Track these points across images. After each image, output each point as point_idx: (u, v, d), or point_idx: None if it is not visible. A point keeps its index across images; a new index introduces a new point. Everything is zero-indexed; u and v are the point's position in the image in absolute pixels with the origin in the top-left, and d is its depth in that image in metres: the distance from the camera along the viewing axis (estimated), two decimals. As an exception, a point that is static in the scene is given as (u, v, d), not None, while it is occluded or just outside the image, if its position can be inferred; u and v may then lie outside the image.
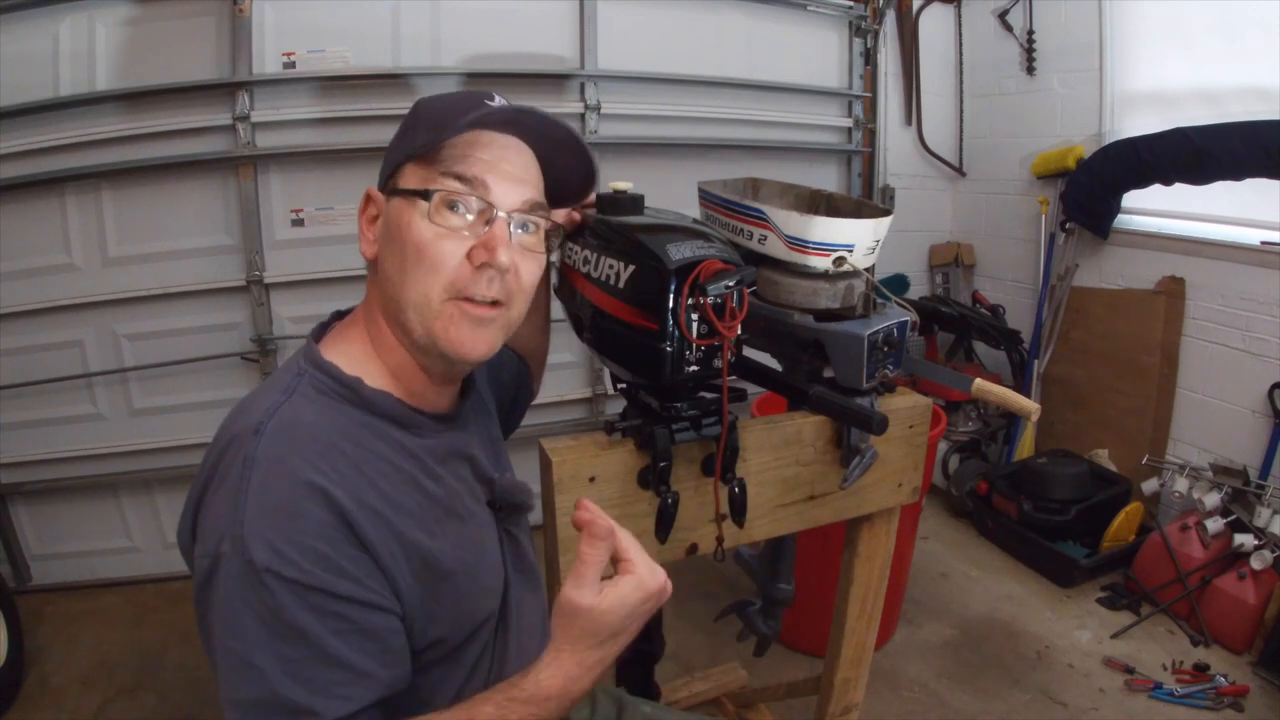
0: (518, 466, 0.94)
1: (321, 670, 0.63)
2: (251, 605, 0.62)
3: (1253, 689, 1.93)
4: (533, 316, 1.15)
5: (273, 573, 0.61)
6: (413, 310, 0.73)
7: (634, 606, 0.68)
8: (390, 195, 0.76)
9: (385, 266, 0.75)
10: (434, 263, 0.72)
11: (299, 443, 0.66)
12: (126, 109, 2.12)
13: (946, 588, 2.46)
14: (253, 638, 0.62)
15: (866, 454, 1.06)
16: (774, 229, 1.00)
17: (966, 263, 3.33)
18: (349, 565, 0.65)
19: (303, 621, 0.62)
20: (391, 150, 0.79)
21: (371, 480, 0.69)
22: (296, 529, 0.63)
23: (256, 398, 0.72)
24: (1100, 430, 2.78)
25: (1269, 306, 2.30)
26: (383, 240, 0.77)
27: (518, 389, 1.11)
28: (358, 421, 0.72)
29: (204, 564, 0.63)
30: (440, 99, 0.80)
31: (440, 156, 0.74)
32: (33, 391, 2.24)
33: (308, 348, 0.77)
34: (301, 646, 0.63)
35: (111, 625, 2.24)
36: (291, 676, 0.62)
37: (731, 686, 1.73)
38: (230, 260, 2.28)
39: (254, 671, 0.62)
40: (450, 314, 0.73)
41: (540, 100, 2.44)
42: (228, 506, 0.63)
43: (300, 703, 0.63)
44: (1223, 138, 2.23)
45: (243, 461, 0.64)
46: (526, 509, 0.89)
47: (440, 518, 0.75)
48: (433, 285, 0.72)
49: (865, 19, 2.89)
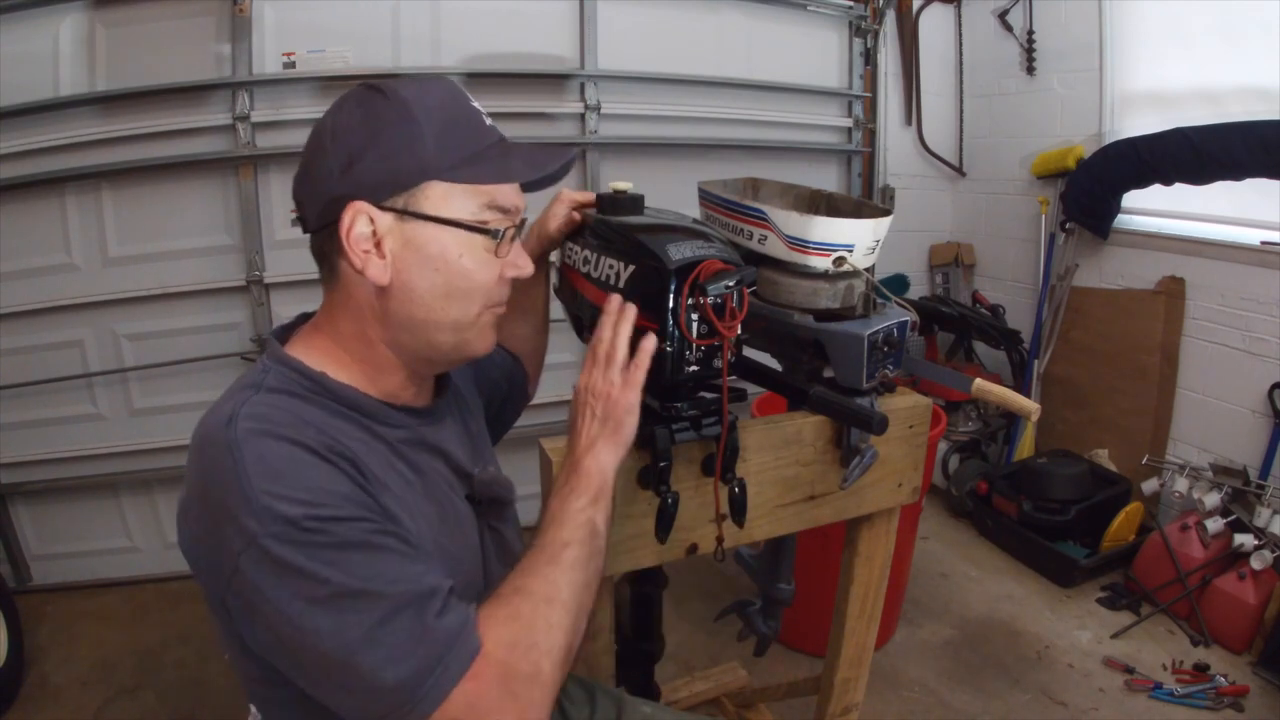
0: (517, 466, 0.94)
1: (410, 564, 0.65)
2: (313, 553, 0.61)
3: (1253, 689, 1.93)
4: (530, 316, 1.15)
5: (310, 517, 0.61)
6: (451, 330, 0.75)
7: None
8: (413, 217, 0.71)
9: (415, 292, 0.73)
10: (481, 286, 0.75)
11: (274, 421, 0.66)
12: (127, 109, 2.12)
13: (946, 588, 2.46)
14: (339, 574, 0.61)
15: (866, 454, 1.06)
16: (774, 229, 1.00)
17: (966, 263, 3.33)
18: (368, 498, 0.66)
19: (363, 537, 0.63)
20: (388, 157, 0.71)
21: (354, 454, 0.69)
22: (308, 478, 0.63)
23: (224, 398, 0.71)
24: (1100, 430, 2.78)
25: (1269, 306, 2.30)
26: (405, 264, 0.72)
27: (510, 387, 1.10)
28: (328, 411, 0.72)
29: (242, 554, 0.61)
30: (434, 98, 0.74)
31: (476, 184, 0.74)
32: (33, 391, 2.24)
33: (271, 346, 0.76)
34: (380, 554, 0.63)
35: (111, 625, 2.24)
36: (398, 577, 0.63)
37: (731, 686, 1.73)
38: (230, 260, 2.28)
39: (364, 596, 0.61)
40: (485, 322, 0.77)
41: (540, 100, 2.45)
42: (233, 493, 0.61)
43: (422, 586, 0.64)
44: (1223, 138, 2.23)
45: (225, 449, 0.63)
46: (507, 502, 0.89)
47: (418, 500, 0.75)
48: (476, 304, 0.76)
49: (865, 19, 2.89)
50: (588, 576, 0.72)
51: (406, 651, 0.61)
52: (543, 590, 0.69)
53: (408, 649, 0.61)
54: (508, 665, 0.64)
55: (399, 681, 0.60)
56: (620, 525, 0.94)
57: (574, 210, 0.99)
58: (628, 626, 1.20)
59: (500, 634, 0.65)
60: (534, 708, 0.64)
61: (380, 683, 0.60)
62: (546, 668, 0.65)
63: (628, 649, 1.20)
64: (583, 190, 1.03)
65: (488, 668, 0.63)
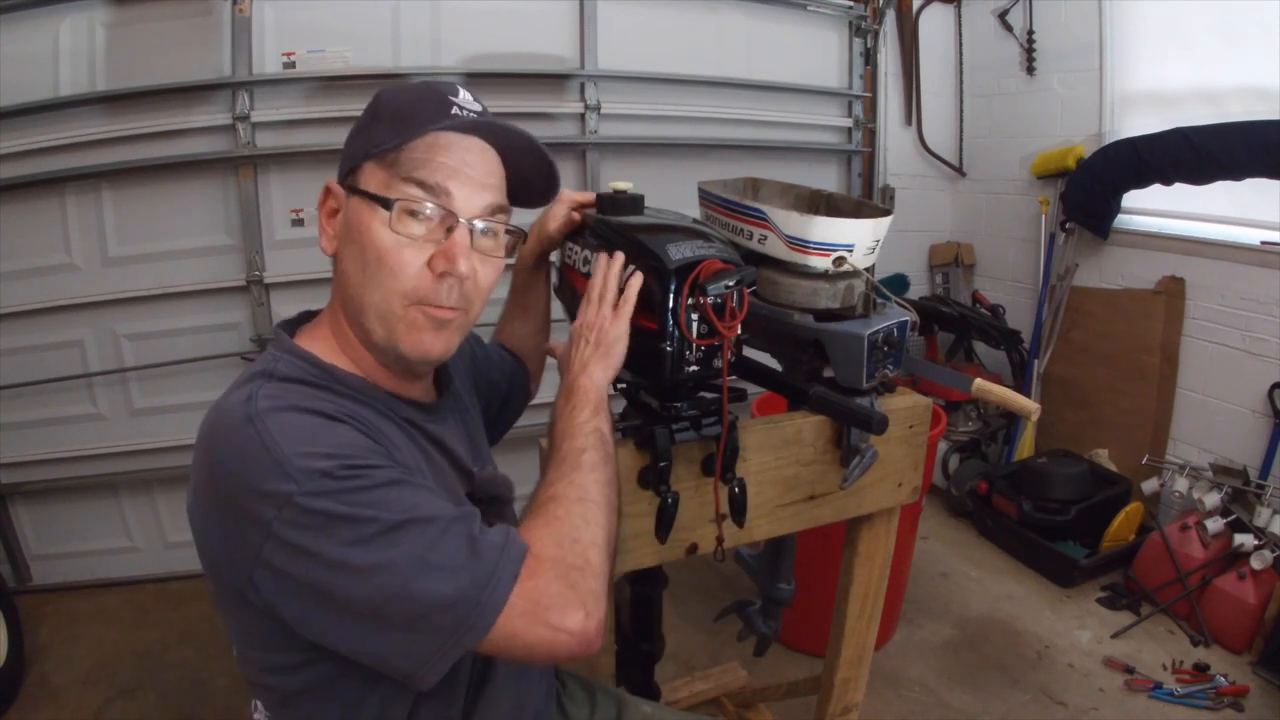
0: (517, 466, 0.94)
1: (439, 498, 0.68)
2: (353, 497, 0.62)
3: (1253, 689, 1.93)
4: (532, 316, 1.15)
5: (344, 466, 0.63)
6: (374, 313, 0.74)
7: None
8: (351, 193, 0.75)
9: (345, 265, 0.76)
10: (394, 270, 0.73)
11: (290, 398, 0.68)
12: (127, 109, 2.12)
13: (946, 588, 2.46)
14: (382, 511, 0.62)
15: (866, 454, 1.06)
16: (774, 229, 1.00)
17: (966, 263, 3.33)
18: (386, 452, 0.69)
19: (395, 476, 0.66)
20: (352, 143, 0.78)
21: (370, 421, 0.71)
22: (333, 436, 0.66)
23: (235, 385, 0.72)
24: (1100, 430, 2.78)
25: (1269, 306, 2.30)
26: (343, 238, 0.76)
27: (510, 388, 1.10)
28: (339, 395, 0.73)
29: (275, 521, 0.61)
30: (403, 93, 0.78)
31: (401, 159, 0.73)
32: (33, 391, 2.24)
33: (280, 338, 0.78)
34: (413, 488, 0.66)
35: (111, 625, 2.24)
36: (435, 506, 0.66)
37: (731, 686, 1.73)
38: (230, 260, 2.28)
39: (409, 525, 0.63)
40: (413, 318, 0.74)
41: (540, 100, 2.45)
42: (260, 464, 0.62)
43: (459, 511, 0.67)
44: (1223, 138, 2.23)
45: (248, 424, 0.64)
46: (506, 501, 0.89)
47: (427, 476, 0.76)
48: (394, 292, 0.73)
49: (865, 19, 2.89)
50: (609, 475, 0.77)
51: (460, 565, 0.63)
52: (573, 492, 0.73)
53: (461, 562, 0.63)
54: (559, 559, 0.67)
55: (460, 593, 0.62)
56: (620, 525, 0.94)
57: (574, 210, 0.99)
58: (628, 626, 1.20)
59: (544, 535, 0.69)
60: (592, 596, 0.66)
61: (441, 601, 0.61)
62: (594, 557, 0.69)
63: (628, 649, 1.20)
64: (583, 190, 1.03)
65: (541, 565, 0.66)
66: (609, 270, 0.87)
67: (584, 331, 0.85)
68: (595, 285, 0.87)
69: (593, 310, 0.86)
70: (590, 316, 0.85)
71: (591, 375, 0.82)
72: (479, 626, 0.62)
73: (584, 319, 0.86)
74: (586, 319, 0.86)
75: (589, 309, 0.86)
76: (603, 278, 0.87)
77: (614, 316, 0.84)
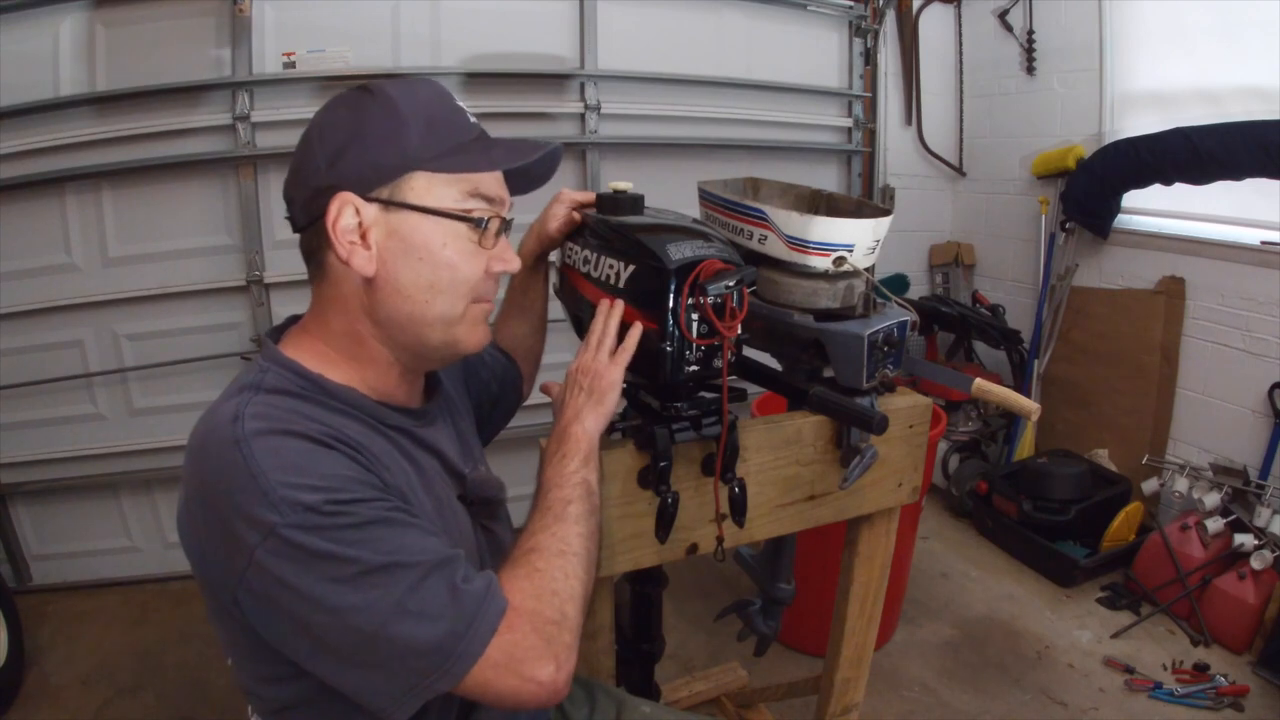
0: (514, 466, 0.94)
1: (427, 536, 0.67)
2: (337, 535, 0.62)
3: (1253, 689, 1.93)
4: (529, 316, 1.15)
5: (330, 502, 0.62)
6: (439, 323, 0.75)
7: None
8: (397, 207, 0.72)
9: (400, 283, 0.73)
10: (468, 278, 0.75)
11: (278, 418, 0.67)
12: (127, 109, 2.12)
13: (946, 588, 2.46)
14: (365, 552, 0.62)
15: (866, 454, 1.05)
16: (774, 229, 1.00)
17: (966, 263, 3.33)
18: (376, 479, 0.68)
19: (382, 514, 0.65)
20: (372, 150, 0.72)
21: (357, 441, 0.70)
22: (320, 466, 0.64)
23: (222, 399, 0.71)
24: (1100, 430, 2.78)
25: (1269, 306, 2.30)
26: (390, 255, 0.72)
27: (501, 389, 1.10)
28: (327, 409, 0.72)
29: (258, 548, 0.61)
30: (419, 96, 0.75)
31: (463, 174, 0.74)
32: (33, 391, 2.24)
33: (266, 348, 0.77)
34: (399, 528, 0.65)
35: (111, 625, 2.24)
36: (420, 548, 0.65)
37: (731, 686, 1.72)
38: (230, 260, 2.28)
39: (391, 569, 0.62)
40: (473, 317, 0.77)
41: (540, 100, 2.45)
42: (246, 489, 0.61)
43: (444, 554, 0.66)
44: (1223, 138, 2.23)
45: (233, 446, 0.63)
46: (499, 502, 0.89)
47: (418, 492, 0.76)
48: (462, 298, 0.76)
49: (865, 19, 2.89)
50: (591, 528, 0.78)
51: (439, 613, 0.63)
52: (554, 545, 0.74)
53: (439, 610, 0.63)
54: (536, 614, 0.68)
55: (436, 641, 0.62)
56: (620, 525, 0.94)
57: (574, 210, 0.99)
58: (628, 626, 1.20)
59: (523, 588, 0.69)
60: (565, 649, 0.68)
61: (416, 645, 0.62)
62: (570, 611, 0.70)
63: (628, 649, 1.20)
64: (583, 190, 1.03)
65: (519, 619, 0.67)
66: (609, 316, 0.87)
67: (579, 377, 0.86)
68: (595, 330, 0.87)
69: (590, 355, 0.86)
70: (587, 361, 0.86)
71: (584, 423, 0.83)
72: (453, 674, 0.63)
73: (580, 363, 0.86)
74: (583, 363, 0.86)
75: (586, 354, 0.86)
76: (603, 323, 0.87)
77: (611, 364, 0.84)
